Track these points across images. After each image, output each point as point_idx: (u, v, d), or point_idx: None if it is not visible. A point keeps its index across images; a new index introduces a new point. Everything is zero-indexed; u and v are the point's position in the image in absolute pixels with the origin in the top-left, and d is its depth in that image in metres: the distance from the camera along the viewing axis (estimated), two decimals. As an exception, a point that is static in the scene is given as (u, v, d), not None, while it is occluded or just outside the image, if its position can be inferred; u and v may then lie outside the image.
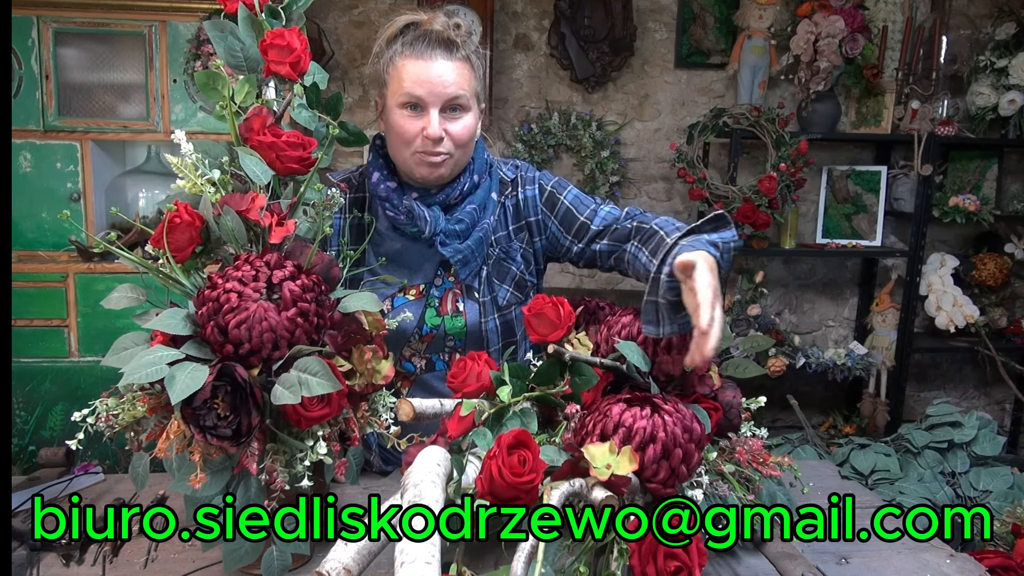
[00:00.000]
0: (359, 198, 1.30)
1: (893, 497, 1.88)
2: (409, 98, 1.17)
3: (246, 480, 0.87)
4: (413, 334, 1.27)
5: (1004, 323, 3.16)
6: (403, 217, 1.22)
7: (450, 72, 1.17)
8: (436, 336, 1.28)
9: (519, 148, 3.12)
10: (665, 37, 3.19)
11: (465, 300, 1.28)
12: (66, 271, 2.45)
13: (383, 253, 1.26)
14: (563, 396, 0.93)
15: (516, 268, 1.32)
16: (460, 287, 1.29)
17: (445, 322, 1.27)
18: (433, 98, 1.16)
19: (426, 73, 1.16)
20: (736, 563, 0.99)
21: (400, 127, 1.18)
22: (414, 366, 1.31)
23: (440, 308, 1.28)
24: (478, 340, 1.29)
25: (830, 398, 3.43)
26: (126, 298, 0.90)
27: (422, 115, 1.17)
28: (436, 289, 1.29)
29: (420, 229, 1.22)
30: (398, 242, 1.27)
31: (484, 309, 1.28)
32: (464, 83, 1.18)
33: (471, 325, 1.28)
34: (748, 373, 1.10)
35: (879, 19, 2.97)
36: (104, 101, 2.51)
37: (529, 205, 1.32)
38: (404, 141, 1.19)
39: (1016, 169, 3.26)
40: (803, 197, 3.19)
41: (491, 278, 1.29)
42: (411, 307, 1.26)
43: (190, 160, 0.92)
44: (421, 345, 1.29)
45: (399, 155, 1.22)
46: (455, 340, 1.29)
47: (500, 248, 1.30)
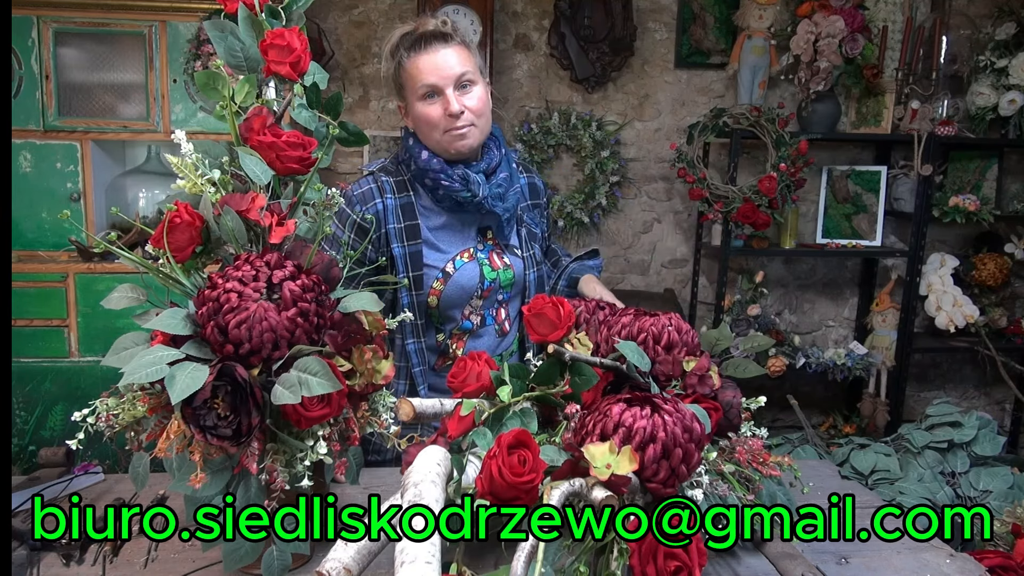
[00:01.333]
0: (400, 181, 1.42)
1: (893, 497, 1.88)
2: (426, 88, 1.34)
3: (246, 480, 0.87)
4: (476, 290, 1.43)
5: (1004, 323, 3.16)
6: (458, 184, 1.37)
7: (452, 55, 1.34)
8: (493, 289, 1.45)
9: (519, 148, 3.12)
10: (665, 37, 3.19)
11: (508, 255, 1.48)
12: (66, 271, 2.46)
13: (431, 226, 1.42)
14: (563, 396, 0.93)
15: (540, 233, 1.57)
16: (499, 247, 1.48)
17: (500, 275, 1.45)
18: (445, 80, 1.33)
19: (433, 62, 1.33)
20: (736, 563, 0.99)
21: (426, 115, 1.35)
22: (471, 323, 1.45)
23: (492, 265, 1.45)
24: (521, 290, 1.50)
25: (830, 398, 3.43)
26: (126, 298, 0.90)
27: (440, 99, 1.34)
28: (481, 252, 1.45)
29: (473, 193, 1.37)
30: (442, 215, 1.43)
31: (527, 263, 1.49)
32: (467, 61, 1.35)
33: (518, 276, 1.48)
34: (748, 373, 1.10)
35: (879, 19, 2.97)
36: (104, 101, 2.51)
37: (539, 192, 1.58)
38: (432, 126, 1.35)
39: (1016, 169, 3.27)
40: (803, 197, 3.19)
41: (527, 239, 1.51)
42: (469, 267, 1.42)
43: (190, 160, 0.92)
44: (479, 301, 1.45)
45: (431, 140, 1.37)
46: (504, 293, 1.47)
47: (527, 215, 1.53)
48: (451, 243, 1.43)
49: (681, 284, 3.38)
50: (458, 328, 1.45)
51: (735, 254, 3.04)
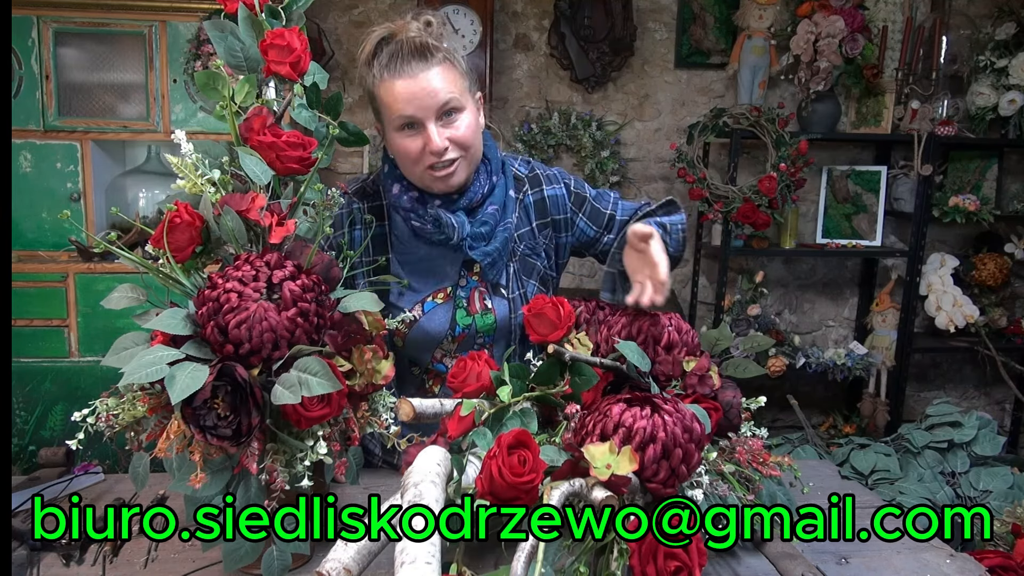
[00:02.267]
0: (376, 206, 1.29)
1: (893, 497, 1.88)
2: (403, 120, 1.16)
3: (246, 480, 0.87)
4: (446, 336, 1.28)
5: (1004, 323, 3.16)
6: (430, 226, 1.22)
7: (434, 80, 1.14)
8: (468, 335, 1.30)
9: (519, 148, 3.12)
10: (665, 37, 3.19)
11: (492, 297, 1.30)
12: (66, 271, 2.45)
13: (406, 261, 1.28)
14: (563, 396, 0.93)
15: (540, 264, 1.34)
16: (485, 285, 1.30)
17: (476, 320, 1.29)
18: (425, 112, 1.14)
19: (410, 90, 1.13)
20: (736, 563, 0.99)
21: (404, 149, 1.18)
22: (445, 367, 1.31)
23: (469, 308, 1.29)
24: (507, 335, 1.31)
25: (830, 398, 3.43)
26: (126, 298, 0.90)
27: (421, 132, 1.16)
28: (462, 290, 1.30)
29: (448, 236, 1.22)
30: (421, 248, 1.28)
31: (513, 305, 1.30)
32: (451, 85, 1.16)
33: (500, 321, 1.30)
34: (748, 373, 1.10)
35: (879, 19, 2.97)
36: (104, 101, 2.51)
37: (556, 203, 1.34)
38: (411, 161, 1.18)
39: (1016, 169, 3.26)
40: (803, 197, 3.19)
41: (519, 274, 1.31)
42: (441, 310, 1.27)
43: (190, 160, 0.92)
44: (453, 346, 1.30)
45: (411, 175, 1.22)
46: (484, 337, 1.31)
47: (525, 244, 1.32)
48: (426, 282, 1.28)
49: (681, 284, 3.38)
50: (431, 367, 1.32)
51: (735, 254, 3.04)
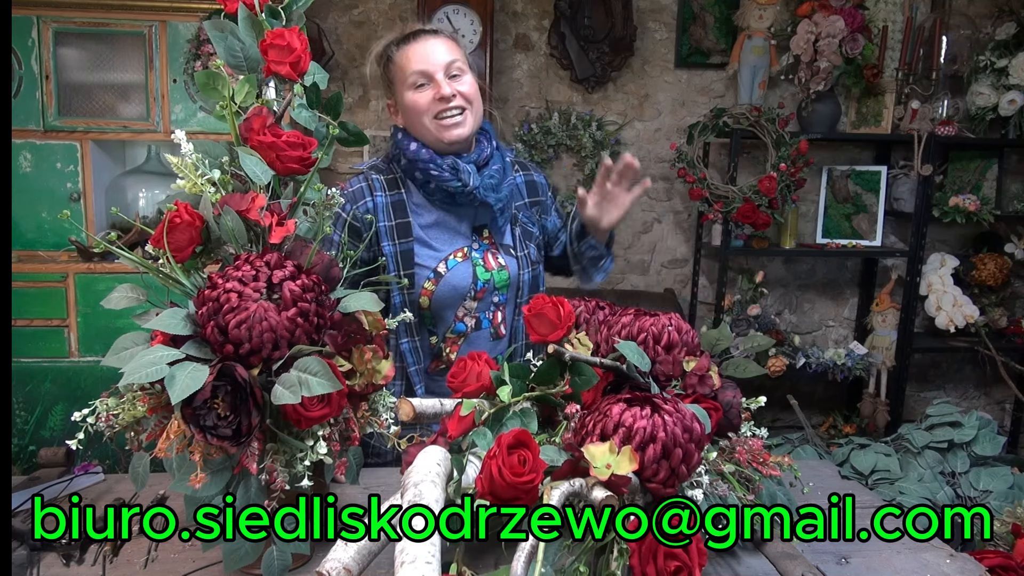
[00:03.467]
0: (391, 179, 1.40)
1: (893, 497, 1.88)
2: (416, 76, 1.34)
3: (246, 480, 0.87)
4: (469, 291, 1.39)
5: (1004, 323, 3.16)
6: (447, 173, 1.34)
7: (441, 44, 1.35)
8: (487, 291, 1.41)
9: (519, 148, 3.12)
10: (665, 37, 3.19)
11: (503, 255, 1.44)
12: (66, 271, 2.46)
13: (423, 224, 1.39)
14: (563, 396, 0.93)
15: (536, 232, 1.51)
16: (495, 246, 1.44)
17: (494, 276, 1.41)
18: (435, 67, 1.33)
19: (422, 51, 1.34)
20: (736, 563, 0.99)
21: (415, 102, 1.34)
22: (465, 326, 1.41)
23: (486, 265, 1.41)
24: (515, 292, 1.45)
25: (830, 398, 3.43)
26: (126, 298, 0.90)
27: (431, 85, 1.33)
28: (475, 251, 1.42)
29: (463, 182, 1.34)
30: (435, 212, 1.40)
31: (521, 263, 1.44)
32: (456, 51, 1.36)
33: (512, 277, 1.43)
34: (748, 373, 1.10)
35: (879, 19, 2.97)
36: (104, 101, 2.51)
37: (541, 189, 1.54)
38: (422, 112, 1.34)
39: (1016, 169, 3.26)
40: (803, 197, 3.19)
41: (522, 238, 1.47)
42: (462, 266, 1.39)
43: (190, 160, 0.92)
44: (474, 303, 1.41)
45: (422, 129, 1.36)
46: (499, 295, 1.43)
47: (523, 214, 1.49)
48: (444, 241, 1.40)
49: (681, 284, 3.38)
50: (452, 331, 1.41)
51: (735, 254, 3.04)
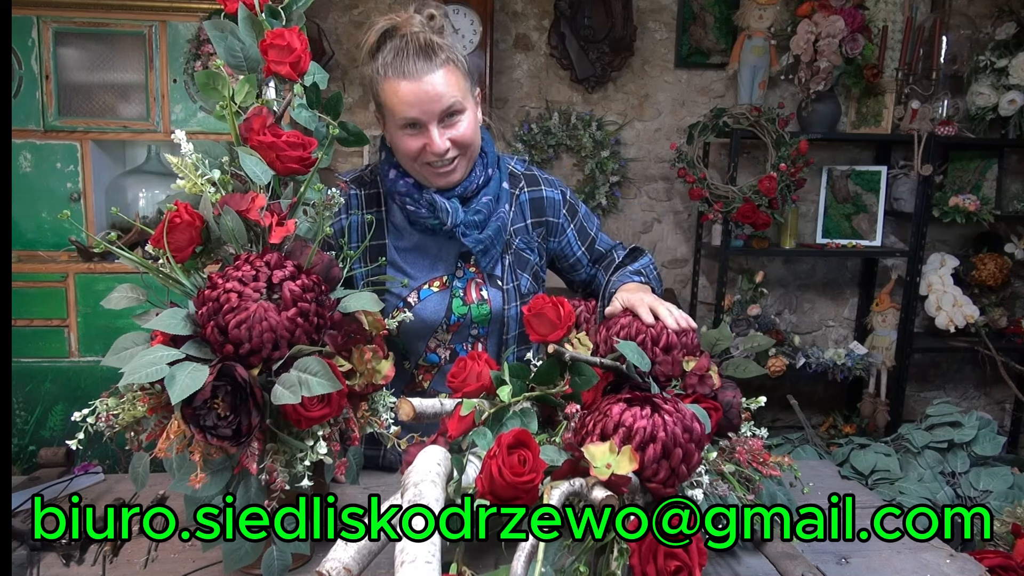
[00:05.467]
0: (373, 195, 1.32)
1: (893, 497, 1.88)
2: (406, 120, 1.18)
3: (246, 480, 0.87)
4: (441, 324, 1.30)
5: (1004, 323, 3.16)
6: (424, 210, 1.24)
7: (438, 83, 1.16)
8: (462, 325, 1.32)
9: (519, 148, 3.12)
10: (665, 37, 3.19)
11: (488, 288, 1.32)
12: (66, 271, 2.45)
13: (401, 248, 1.30)
14: (563, 396, 0.93)
15: (533, 260, 1.38)
16: (481, 276, 1.33)
17: (471, 310, 1.31)
18: (428, 115, 1.17)
19: (415, 93, 1.16)
20: (736, 563, 0.99)
21: (405, 146, 1.21)
22: (439, 357, 1.33)
23: (465, 297, 1.31)
24: (500, 327, 1.34)
25: (830, 398, 3.43)
26: (126, 298, 0.90)
27: (423, 132, 1.19)
28: (459, 280, 1.32)
29: (442, 221, 1.24)
30: (416, 236, 1.30)
31: (507, 296, 1.33)
32: (454, 88, 1.18)
33: (495, 312, 1.32)
34: (748, 373, 1.10)
35: (879, 19, 2.97)
36: (104, 101, 2.51)
37: (552, 206, 1.38)
38: (411, 158, 1.22)
39: (1016, 169, 3.26)
40: (803, 197, 3.19)
41: (514, 267, 1.34)
42: (436, 298, 1.29)
43: (190, 160, 0.92)
44: (447, 336, 1.32)
45: (410, 170, 1.25)
46: (479, 328, 1.33)
47: (520, 239, 1.36)
48: (422, 268, 1.30)
49: (681, 284, 3.38)
50: (424, 360, 1.33)
51: (735, 254, 3.04)
